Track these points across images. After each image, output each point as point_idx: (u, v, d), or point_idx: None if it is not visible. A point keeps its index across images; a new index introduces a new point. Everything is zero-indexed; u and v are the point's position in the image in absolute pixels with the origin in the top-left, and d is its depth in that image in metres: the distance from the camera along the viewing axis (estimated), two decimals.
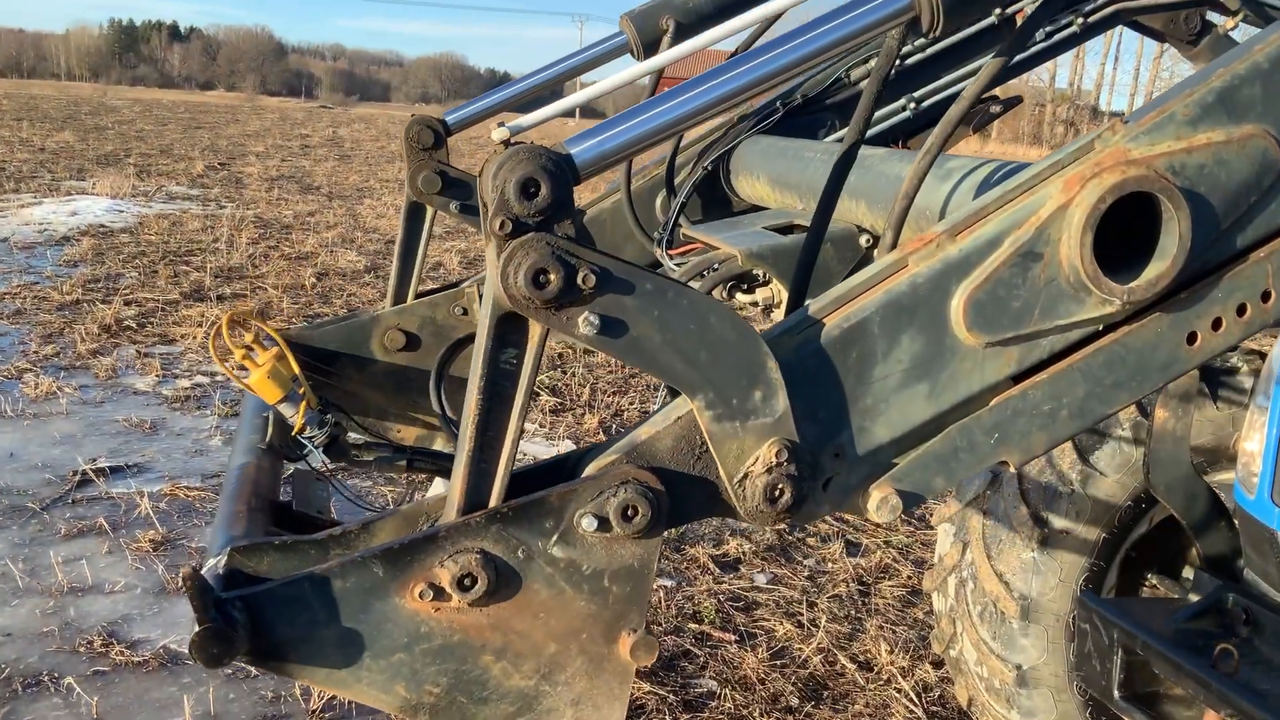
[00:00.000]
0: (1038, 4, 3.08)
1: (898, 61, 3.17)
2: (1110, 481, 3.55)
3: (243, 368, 2.38)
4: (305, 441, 2.37)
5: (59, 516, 5.91)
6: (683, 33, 3.08)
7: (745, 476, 1.56)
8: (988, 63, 1.92)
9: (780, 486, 1.56)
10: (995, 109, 3.34)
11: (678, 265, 2.93)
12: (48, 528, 5.76)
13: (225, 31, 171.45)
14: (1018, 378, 1.66)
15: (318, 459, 2.42)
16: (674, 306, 1.49)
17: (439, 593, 1.47)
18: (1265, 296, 1.71)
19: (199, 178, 22.88)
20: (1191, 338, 1.69)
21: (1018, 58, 3.19)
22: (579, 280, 1.42)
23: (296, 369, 2.38)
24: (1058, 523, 3.58)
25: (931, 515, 4.25)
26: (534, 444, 7.68)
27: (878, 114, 3.20)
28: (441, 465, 2.42)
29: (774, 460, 1.55)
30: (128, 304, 10.72)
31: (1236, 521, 3.16)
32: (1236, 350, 3.66)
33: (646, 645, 1.54)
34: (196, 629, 1.38)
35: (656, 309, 1.48)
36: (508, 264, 1.40)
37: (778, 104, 3.31)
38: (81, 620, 4.84)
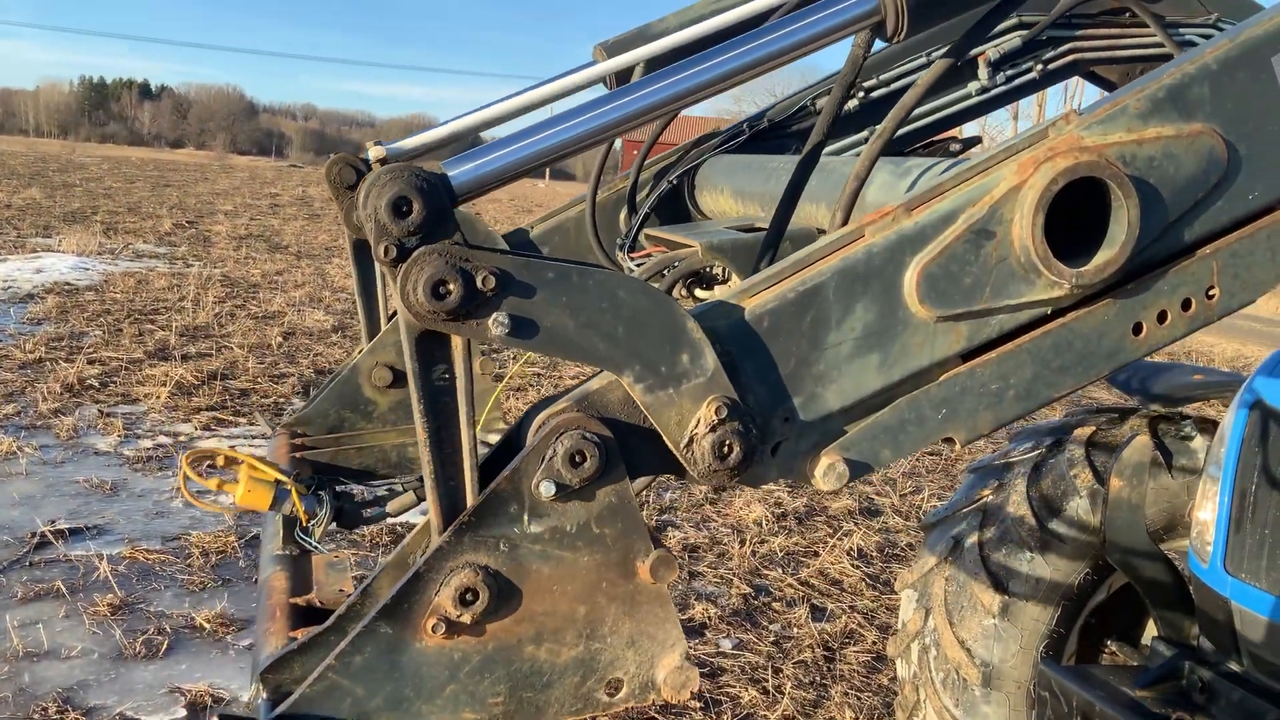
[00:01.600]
0: (1001, 39, 3.21)
1: (862, 94, 3.26)
2: (1069, 549, 3.60)
3: (224, 492, 2.41)
4: (310, 528, 2.40)
5: (16, 579, 5.81)
6: (654, 65, 3.17)
7: (691, 440, 1.56)
8: (938, 59, 1.97)
9: (728, 442, 1.55)
10: (954, 148, 3.42)
11: (638, 266, 2.97)
12: (4, 591, 5.67)
13: (196, 90, 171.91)
14: (967, 356, 1.70)
15: (322, 538, 2.44)
16: (581, 289, 1.48)
17: (449, 621, 1.46)
18: (1209, 293, 1.76)
19: (166, 236, 22.82)
20: (1137, 328, 1.74)
21: (979, 99, 3.29)
22: (479, 284, 1.41)
23: (272, 472, 2.40)
24: (1018, 589, 3.62)
25: (895, 580, 4.29)
26: None
27: (841, 144, 3.27)
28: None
29: (715, 418, 1.54)
30: (91, 363, 10.63)
31: (1192, 590, 3.22)
32: (1190, 420, 3.75)
33: (664, 562, 1.54)
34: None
35: (564, 295, 1.47)
36: (405, 283, 1.39)
37: (744, 126, 3.38)
38: (36, 686, 4.75)
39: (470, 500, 1.52)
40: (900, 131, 3.30)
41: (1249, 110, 1.71)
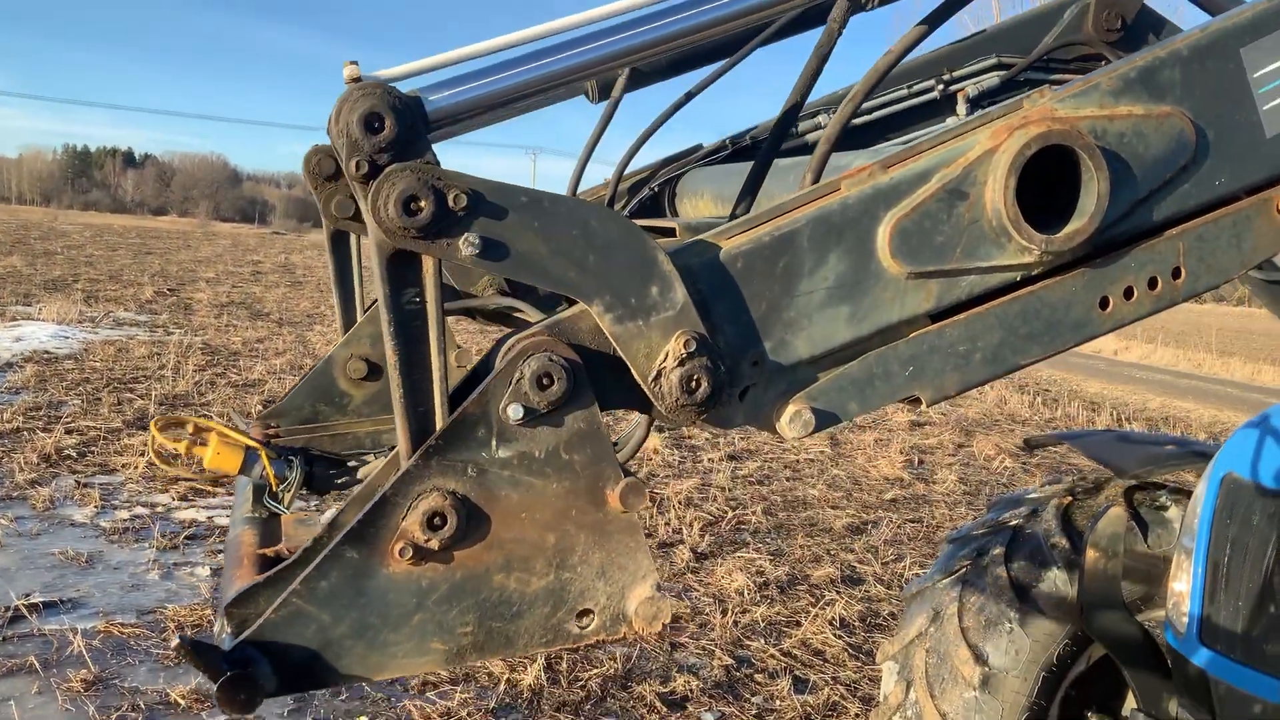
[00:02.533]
0: (976, 65, 3.29)
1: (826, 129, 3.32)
2: (1048, 620, 3.61)
3: (196, 458, 2.39)
4: (279, 492, 2.39)
5: None
6: (638, 80, 3.23)
7: (659, 374, 1.55)
8: (914, 28, 2.00)
9: (696, 377, 1.54)
10: None
11: None
12: None
13: (180, 158, 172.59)
14: (937, 316, 1.72)
15: (292, 503, 2.44)
16: (553, 215, 1.49)
17: (417, 545, 1.44)
18: (1175, 274, 1.81)
19: (148, 304, 22.80)
20: (1104, 303, 1.78)
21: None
22: (450, 203, 1.41)
23: (240, 437, 2.40)
24: (998, 661, 3.62)
25: (877, 651, 4.27)
26: None
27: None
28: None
29: (683, 351, 1.54)
30: (69, 432, 10.56)
31: (1170, 661, 3.23)
32: (1165, 490, 3.79)
33: (634, 489, 1.52)
34: (218, 685, 1.35)
35: (536, 220, 1.47)
36: (376, 198, 1.39)
37: (727, 142, 3.44)
38: None
39: (439, 425, 1.50)
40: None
41: (1217, 98, 1.76)
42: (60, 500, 8.53)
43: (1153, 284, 1.80)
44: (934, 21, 2.06)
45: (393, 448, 2.42)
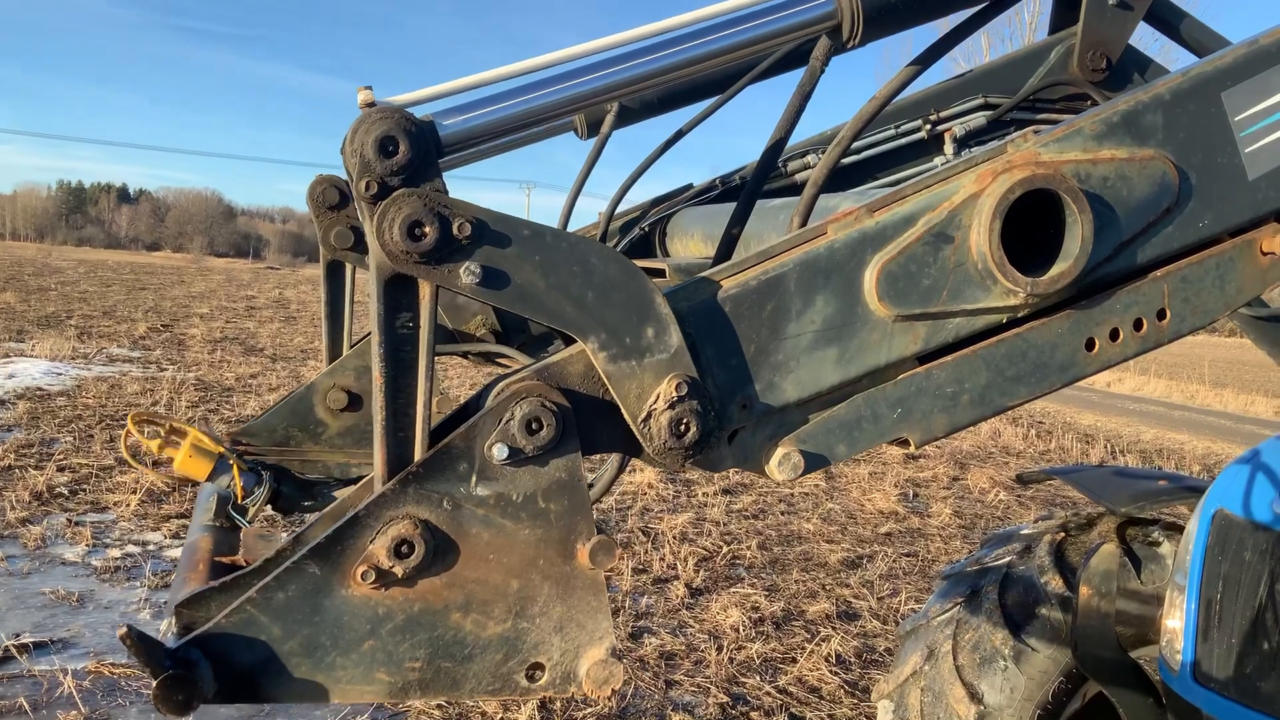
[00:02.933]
0: (963, 105, 3.31)
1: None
2: (1042, 657, 3.60)
3: (166, 459, 2.37)
4: (244, 505, 2.37)
5: None
6: (626, 116, 3.25)
7: (649, 415, 1.56)
8: (904, 69, 2.02)
9: (685, 420, 1.55)
10: None
11: None
12: None
13: (175, 194, 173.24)
14: (924, 359, 1.73)
15: (254, 517, 2.40)
16: (554, 250, 1.49)
17: (380, 570, 1.43)
18: (1160, 315, 1.82)
19: (141, 340, 22.78)
20: (1090, 344, 1.79)
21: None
22: (455, 231, 1.42)
23: (217, 447, 2.38)
24: (993, 699, 3.61)
25: (873, 688, 4.26)
26: None
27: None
28: None
29: (675, 395, 1.55)
30: (61, 470, 10.52)
31: (1165, 699, 3.22)
32: (1157, 525, 3.79)
33: (604, 547, 1.50)
34: (155, 682, 1.32)
35: (537, 254, 1.48)
36: (382, 221, 1.40)
37: (716, 182, 3.46)
38: None
39: (419, 454, 1.50)
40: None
41: (1200, 141, 1.78)
42: (51, 539, 8.48)
43: (1138, 325, 1.81)
44: (923, 64, 2.09)
45: (360, 478, 2.41)
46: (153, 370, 18.23)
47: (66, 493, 9.80)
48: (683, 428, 1.57)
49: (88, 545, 8.37)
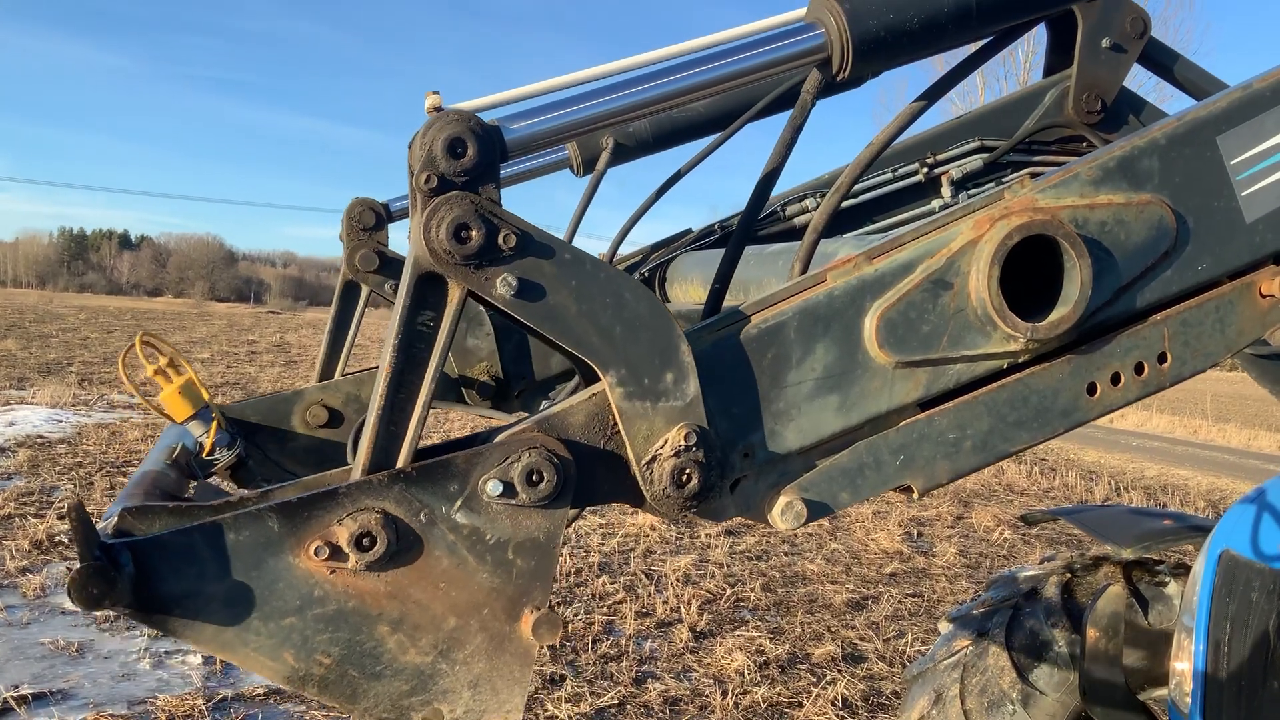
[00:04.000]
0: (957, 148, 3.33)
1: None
2: (1051, 700, 3.57)
3: (156, 388, 2.37)
4: (208, 460, 2.35)
5: None
6: (620, 153, 3.26)
7: (654, 459, 1.56)
8: (907, 106, 2.01)
9: (688, 471, 1.55)
10: None
11: None
12: None
13: (176, 240, 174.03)
14: (926, 405, 1.73)
15: (209, 476, 2.38)
16: (591, 278, 1.51)
17: (336, 552, 1.41)
18: (1162, 359, 1.82)
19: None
20: (1092, 388, 1.79)
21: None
22: (500, 239, 1.44)
23: (206, 395, 2.37)
24: None
25: None
26: None
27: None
28: None
29: (682, 444, 1.55)
30: (61, 518, 10.46)
31: None
32: (1164, 565, 3.76)
33: (550, 623, 1.48)
34: (78, 567, 1.28)
35: (574, 278, 1.49)
36: (431, 217, 1.42)
37: (715, 227, 3.47)
38: None
39: (404, 455, 1.50)
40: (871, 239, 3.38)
41: (1196, 185, 1.78)
42: (51, 588, 8.43)
43: (1139, 369, 1.81)
44: (920, 107, 2.10)
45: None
46: (153, 416, 18.20)
47: (66, 541, 9.74)
48: (684, 478, 1.56)
49: None
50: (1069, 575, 3.89)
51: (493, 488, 1.47)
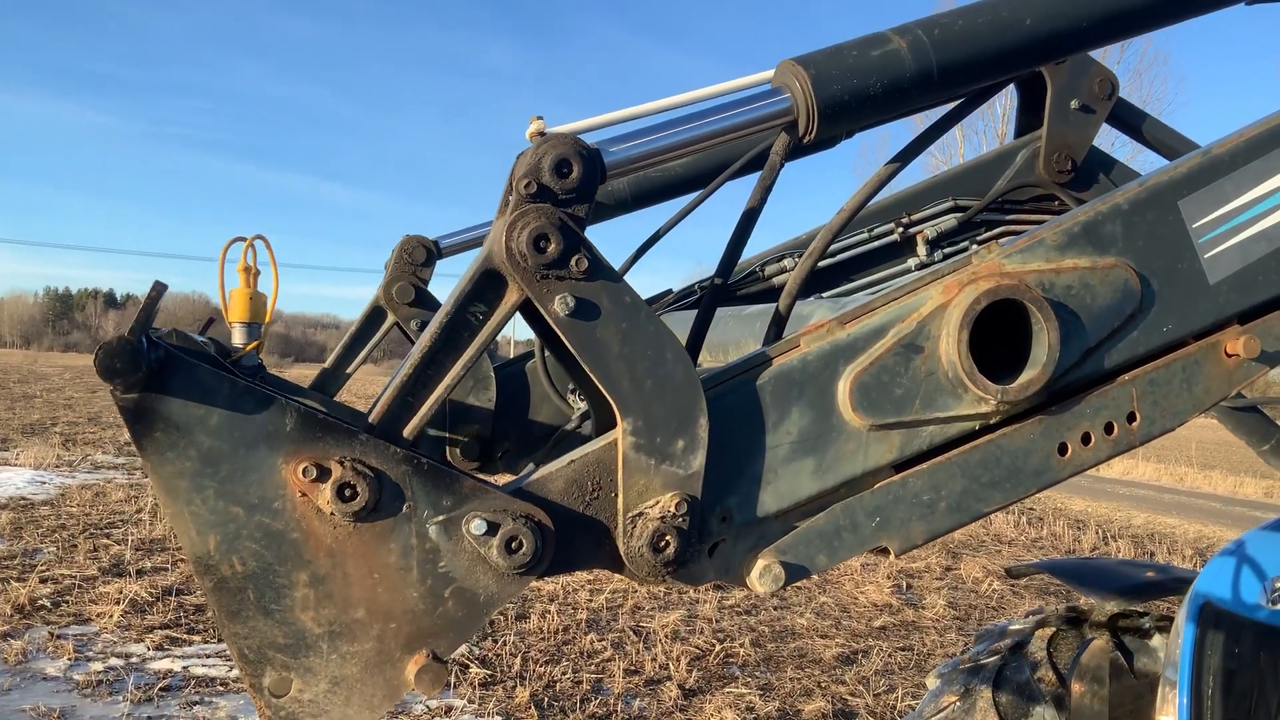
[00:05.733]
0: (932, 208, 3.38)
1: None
2: None
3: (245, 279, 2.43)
4: (240, 364, 2.40)
5: None
6: (600, 212, 3.31)
7: (640, 515, 1.58)
8: (880, 169, 2.05)
9: (667, 537, 1.56)
10: None
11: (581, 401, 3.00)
12: None
13: (162, 298, 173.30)
14: (900, 467, 1.75)
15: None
16: (641, 327, 1.55)
17: (318, 479, 1.41)
18: (1131, 418, 1.84)
19: (126, 445, 22.63)
20: (1063, 449, 1.81)
21: (917, 274, 3.43)
22: (573, 260, 1.49)
23: (267, 319, 2.41)
24: None
25: None
26: None
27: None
28: None
29: (671, 511, 1.57)
30: (43, 581, 10.37)
31: None
32: (1148, 617, 3.78)
33: (435, 675, 1.47)
34: (116, 336, 1.32)
35: (626, 321, 1.54)
36: (518, 219, 1.48)
37: (696, 287, 3.50)
38: None
39: (411, 428, 1.53)
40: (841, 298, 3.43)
41: (1159, 248, 1.82)
42: (33, 653, 8.33)
43: (1109, 429, 1.84)
44: (893, 169, 2.15)
45: None
46: (138, 476, 18.09)
47: (49, 605, 9.65)
48: (663, 543, 1.58)
49: (70, 659, 8.23)
50: (1054, 629, 3.89)
51: (476, 526, 1.49)
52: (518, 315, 1.63)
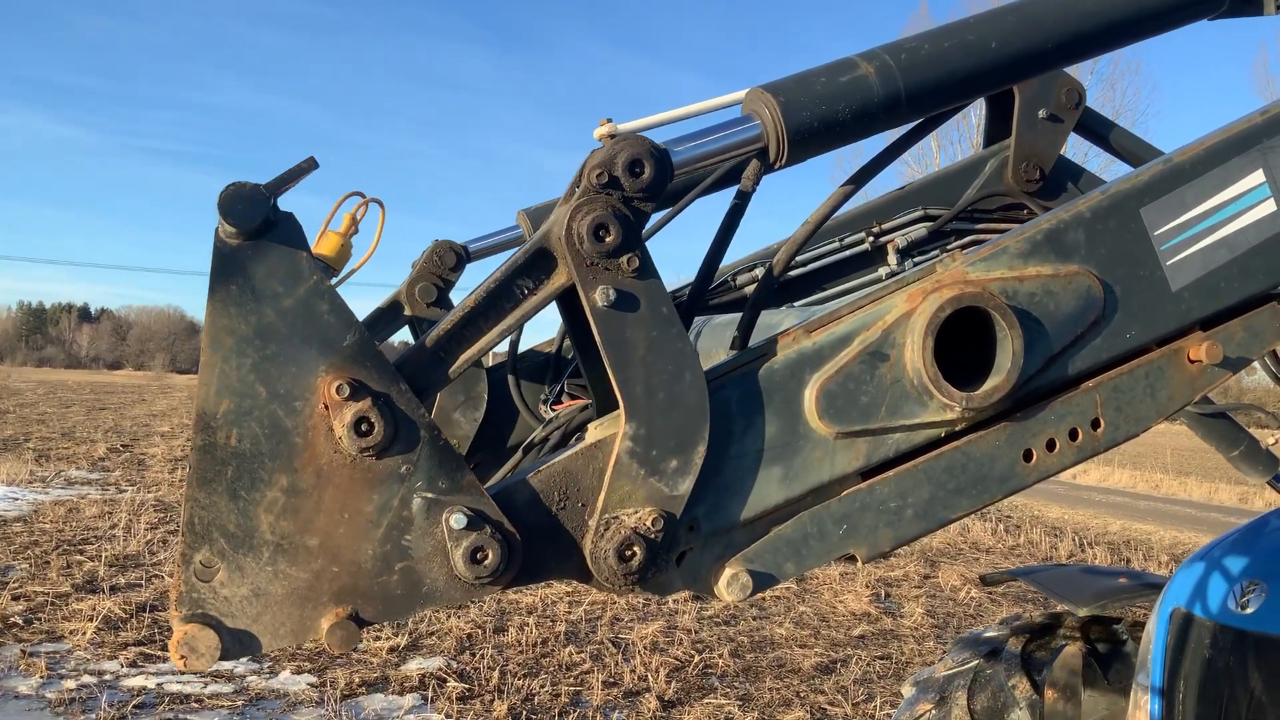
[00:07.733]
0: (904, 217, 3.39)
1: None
2: None
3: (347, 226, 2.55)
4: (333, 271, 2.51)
5: None
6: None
7: (616, 519, 1.58)
8: (837, 189, 2.08)
9: (635, 548, 1.56)
10: None
11: (554, 414, 3.01)
12: None
13: (137, 312, 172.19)
14: (867, 474, 1.75)
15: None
16: (671, 341, 1.58)
17: (348, 399, 1.43)
18: (1095, 424, 1.85)
19: (100, 461, 22.46)
20: (1028, 455, 1.82)
21: (887, 283, 3.46)
22: (625, 256, 1.53)
23: (338, 271, 2.50)
24: None
25: None
26: None
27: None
28: None
29: (648, 525, 1.57)
30: (15, 598, 10.26)
31: None
32: (1121, 623, 3.80)
33: (347, 635, 1.46)
34: (254, 184, 1.38)
35: (658, 329, 1.56)
36: (584, 205, 1.52)
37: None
38: None
39: (440, 372, 1.57)
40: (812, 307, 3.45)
41: (1122, 256, 1.84)
42: (5, 671, 8.23)
43: (1074, 435, 1.85)
44: (853, 185, 2.16)
45: None
46: (111, 492, 17.94)
47: (21, 622, 9.55)
48: (629, 553, 1.58)
49: (42, 677, 8.13)
50: (1028, 636, 3.91)
51: (456, 520, 1.49)
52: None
